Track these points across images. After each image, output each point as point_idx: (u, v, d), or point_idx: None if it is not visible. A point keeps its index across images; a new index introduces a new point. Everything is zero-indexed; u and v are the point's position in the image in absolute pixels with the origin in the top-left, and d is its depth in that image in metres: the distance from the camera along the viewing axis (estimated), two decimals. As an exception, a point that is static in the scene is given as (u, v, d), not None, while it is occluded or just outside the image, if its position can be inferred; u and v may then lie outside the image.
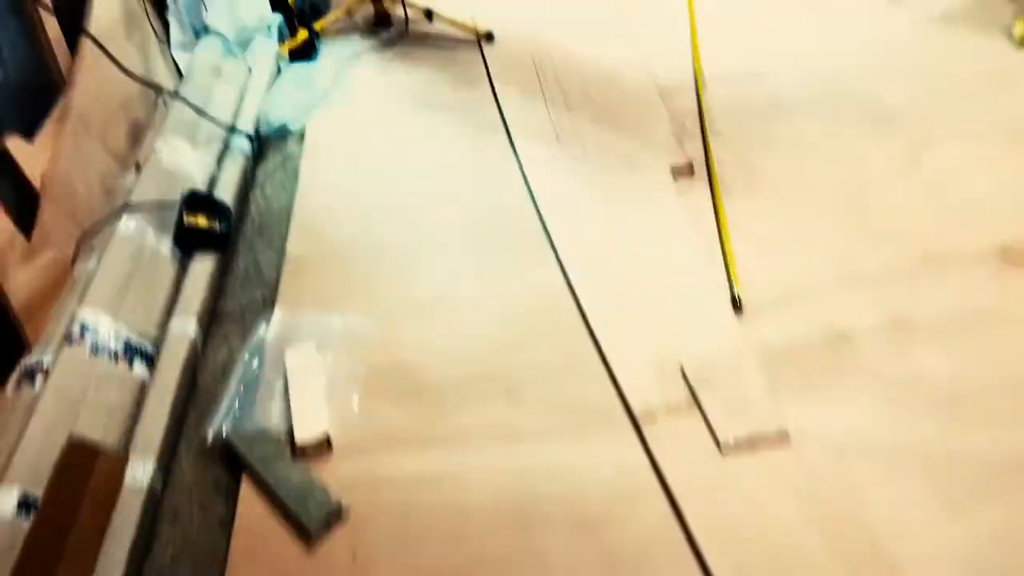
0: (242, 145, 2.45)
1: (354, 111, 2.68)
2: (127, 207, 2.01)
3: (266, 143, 2.63)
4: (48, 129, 2.25)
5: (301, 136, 2.66)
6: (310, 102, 2.73)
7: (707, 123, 2.26)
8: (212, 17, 2.99)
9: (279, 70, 2.95)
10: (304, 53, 3.05)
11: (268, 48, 2.95)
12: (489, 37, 2.88)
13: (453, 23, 2.94)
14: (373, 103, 2.71)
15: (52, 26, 2.40)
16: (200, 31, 2.99)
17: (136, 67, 2.70)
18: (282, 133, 2.66)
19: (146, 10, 2.85)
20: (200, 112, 2.39)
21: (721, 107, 2.33)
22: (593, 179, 2.13)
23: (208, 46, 2.73)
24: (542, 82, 2.58)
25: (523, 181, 2.20)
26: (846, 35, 2.53)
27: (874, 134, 2.12)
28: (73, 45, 2.44)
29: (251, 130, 2.57)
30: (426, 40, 3.00)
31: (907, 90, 2.23)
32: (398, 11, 3.05)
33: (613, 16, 2.89)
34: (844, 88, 2.30)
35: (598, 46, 2.73)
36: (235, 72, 2.75)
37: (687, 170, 2.11)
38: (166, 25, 2.97)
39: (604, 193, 2.08)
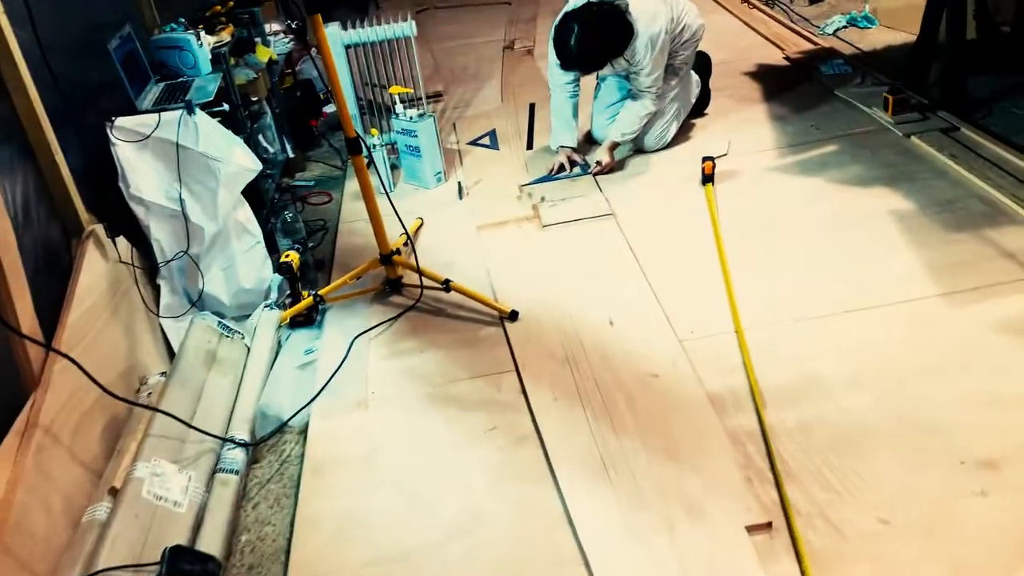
0: (235, 460, 2.12)
1: (362, 406, 2.37)
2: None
3: (262, 442, 2.31)
4: (6, 445, 1.91)
5: (301, 431, 2.34)
6: (312, 391, 2.43)
7: (775, 457, 1.97)
8: (207, 280, 2.73)
9: (279, 345, 2.67)
10: (307, 320, 2.79)
11: (268, 318, 2.68)
12: (513, 316, 2.64)
13: (473, 296, 2.70)
14: (383, 394, 2.41)
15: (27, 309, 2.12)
16: (193, 296, 2.73)
17: (120, 344, 2.43)
18: (280, 428, 2.35)
19: (135, 278, 2.59)
20: (188, 425, 2.07)
21: (785, 433, 2.05)
22: (655, 536, 1.81)
23: (200, 329, 2.45)
24: (578, 382, 2.31)
25: (570, 530, 1.88)
26: (905, 342, 2.30)
27: (973, 487, 1.83)
28: (50, 337, 2.15)
29: (247, 432, 2.25)
30: (442, 312, 2.76)
31: (998, 430, 1.97)
32: (411, 277, 2.82)
33: (640, 290, 2.69)
34: (921, 417, 2.04)
35: (631, 330, 2.50)
36: (230, 356, 2.46)
37: (764, 527, 1.81)
38: (157, 289, 2.71)
39: (671, 560, 1.75)
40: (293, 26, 3.77)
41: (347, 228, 3.41)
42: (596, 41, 3.20)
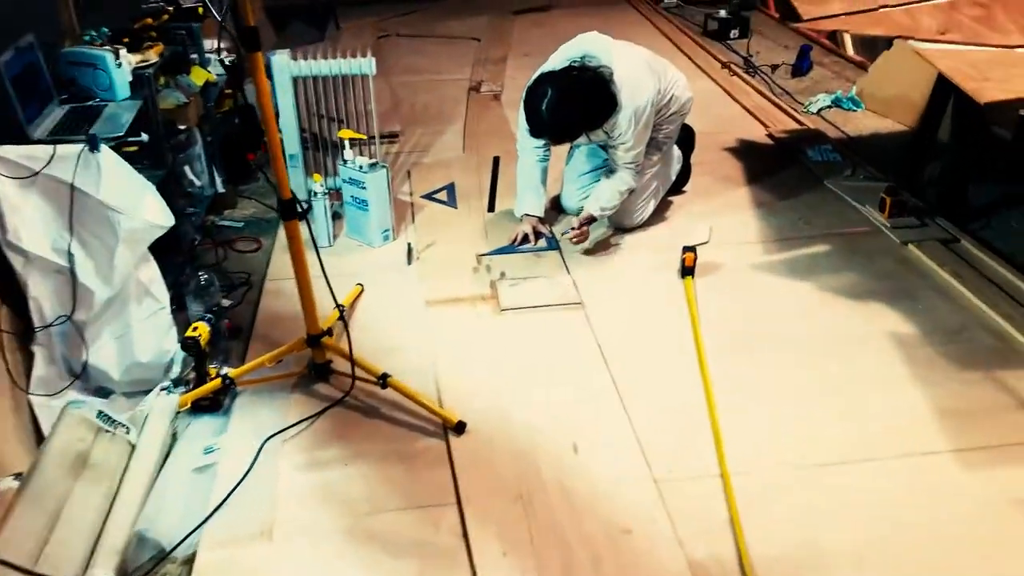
0: (92, 615, 1.66)
1: (265, 535, 1.93)
2: None
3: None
4: None
5: (187, 561, 1.89)
6: (207, 505, 1.98)
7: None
8: (95, 351, 2.27)
9: (175, 436, 2.21)
10: (212, 405, 2.34)
11: (162, 407, 2.21)
12: (460, 428, 2.23)
13: (414, 398, 2.29)
14: (293, 520, 1.97)
15: None
16: (76, 368, 2.26)
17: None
18: (161, 560, 1.89)
19: (2, 344, 2.12)
20: (26, 572, 1.60)
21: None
22: None
23: (73, 422, 1.97)
24: (533, 531, 1.91)
25: None
26: (916, 511, 1.97)
27: None
28: None
29: (113, 568, 1.78)
30: (374, 411, 2.33)
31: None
32: (342, 365, 2.39)
33: (610, 406, 2.33)
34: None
35: (599, 462, 2.12)
36: (107, 460, 1.99)
37: None
38: (30, 358, 2.24)
39: None
40: (227, 63, 3.31)
41: (274, 287, 2.96)
42: (574, 109, 2.82)
